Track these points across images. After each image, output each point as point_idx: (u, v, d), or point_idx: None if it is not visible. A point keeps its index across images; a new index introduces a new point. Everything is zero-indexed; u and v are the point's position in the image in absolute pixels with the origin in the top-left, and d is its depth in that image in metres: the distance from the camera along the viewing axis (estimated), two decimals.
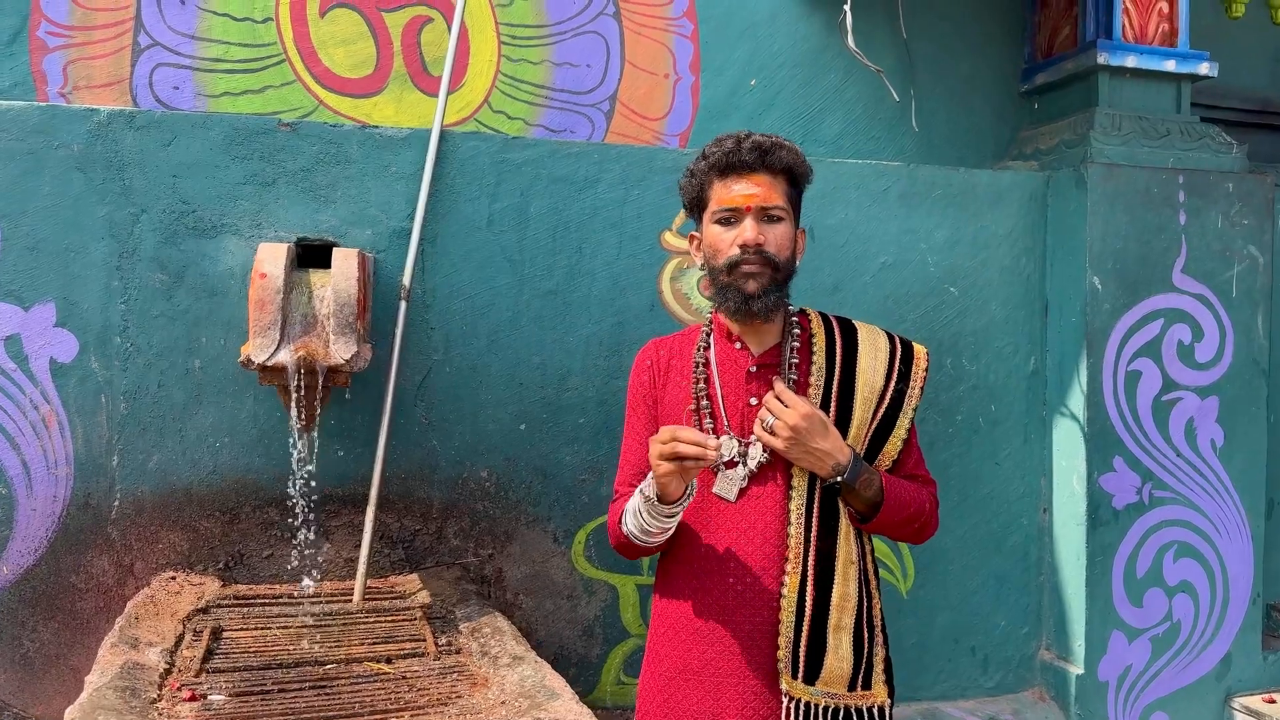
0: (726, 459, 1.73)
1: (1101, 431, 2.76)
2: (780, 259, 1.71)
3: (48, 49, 2.42)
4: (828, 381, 1.76)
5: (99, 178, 2.17)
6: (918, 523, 1.77)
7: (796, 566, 1.68)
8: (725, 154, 1.71)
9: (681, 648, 1.75)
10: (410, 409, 2.36)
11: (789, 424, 1.65)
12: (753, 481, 1.73)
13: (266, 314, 1.95)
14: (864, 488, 1.69)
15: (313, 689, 1.64)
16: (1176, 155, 2.88)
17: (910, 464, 1.81)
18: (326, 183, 2.30)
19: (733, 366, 1.78)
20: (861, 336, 1.82)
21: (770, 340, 1.78)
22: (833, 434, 1.68)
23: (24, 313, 2.14)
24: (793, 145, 1.74)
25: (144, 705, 1.50)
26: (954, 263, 2.78)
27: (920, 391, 1.80)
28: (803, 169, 1.75)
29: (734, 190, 1.70)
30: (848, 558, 1.71)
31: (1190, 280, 2.85)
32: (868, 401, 1.76)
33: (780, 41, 2.92)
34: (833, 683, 1.67)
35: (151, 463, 2.21)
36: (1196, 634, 2.89)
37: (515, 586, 2.44)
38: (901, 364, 1.80)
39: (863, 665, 1.70)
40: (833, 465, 1.67)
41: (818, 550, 1.69)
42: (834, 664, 1.67)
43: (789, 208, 1.73)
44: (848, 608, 1.70)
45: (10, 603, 2.14)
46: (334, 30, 2.60)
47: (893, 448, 1.77)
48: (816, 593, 1.67)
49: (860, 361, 1.78)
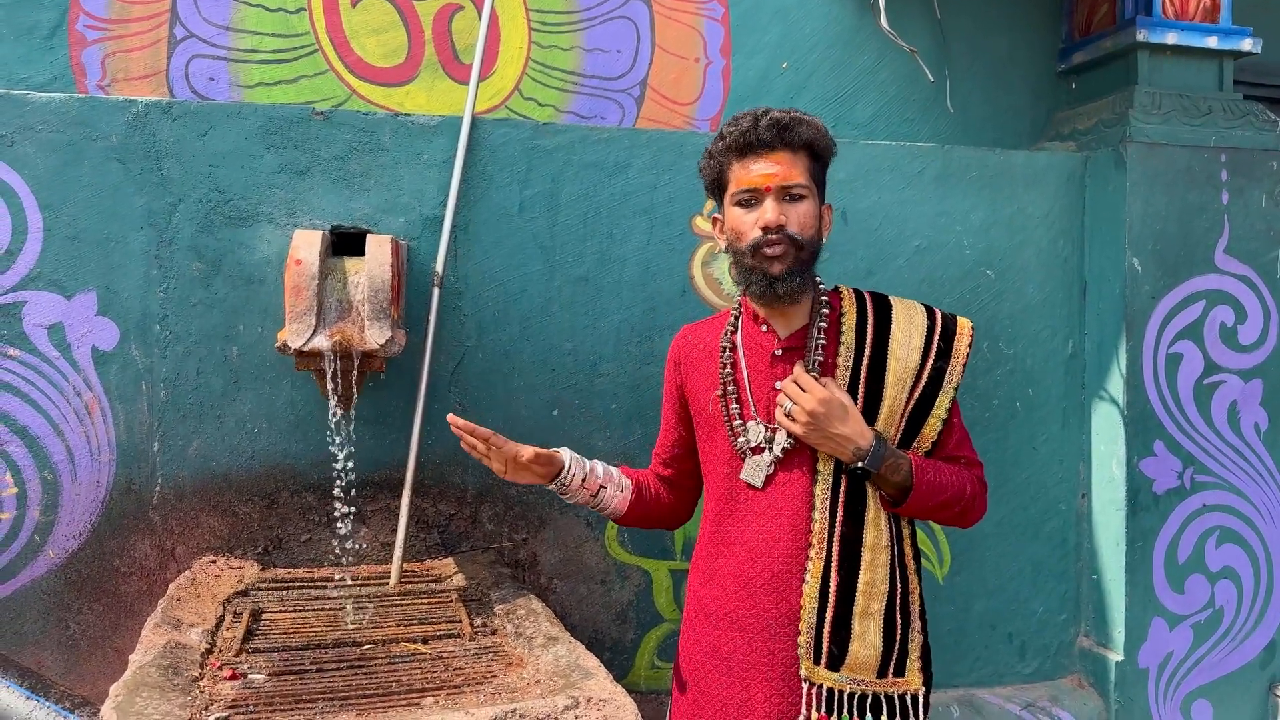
0: (754, 445, 1.72)
1: (1141, 415, 2.71)
2: (804, 238, 1.67)
3: (86, 42, 2.46)
4: (856, 362, 1.71)
5: (137, 168, 2.21)
6: (957, 506, 1.71)
7: (820, 552, 1.65)
8: (742, 133, 1.66)
9: (711, 633, 1.75)
10: (444, 395, 2.37)
11: (806, 409, 1.62)
12: (779, 467, 1.70)
13: (302, 300, 1.97)
14: (890, 472, 1.64)
15: (350, 669, 1.66)
16: (1219, 134, 2.82)
17: (952, 445, 1.75)
18: (360, 171, 2.32)
19: (759, 350, 1.75)
20: (896, 313, 1.76)
21: (798, 322, 1.74)
22: (853, 418, 1.64)
23: (66, 301, 2.18)
24: (813, 119, 1.69)
25: (186, 683, 1.52)
26: (990, 245, 2.74)
27: (963, 369, 1.73)
28: (824, 143, 1.69)
29: (753, 170, 1.66)
30: (877, 543, 1.67)
31: (1233, 261, 2.79)
32: (901, 382, 1.70)
33: (812, 23, 2.89)
34: (859, 669, 1.64)
35: (191, 448, 2.25)
36: (1240, 621, 2.84)
37: (549, 571, 2.46)
38: (941, 340, 1.73)
39: (894, 652, 1.66)
40: (853, 450, 1.63)
41: (843, 536, 1.66)
42: (860, 651, 1.64)
43: (811, 184, 1.68)
44: (876, 594, 1.65)
45: (57, 585, 2.19)
46: (366, 19, 2.62)
47: (931, 429, 1.71)
48: (841, 579, 1.64)
49: (893, 340, 1.72)
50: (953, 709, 2.70)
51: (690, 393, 1.85)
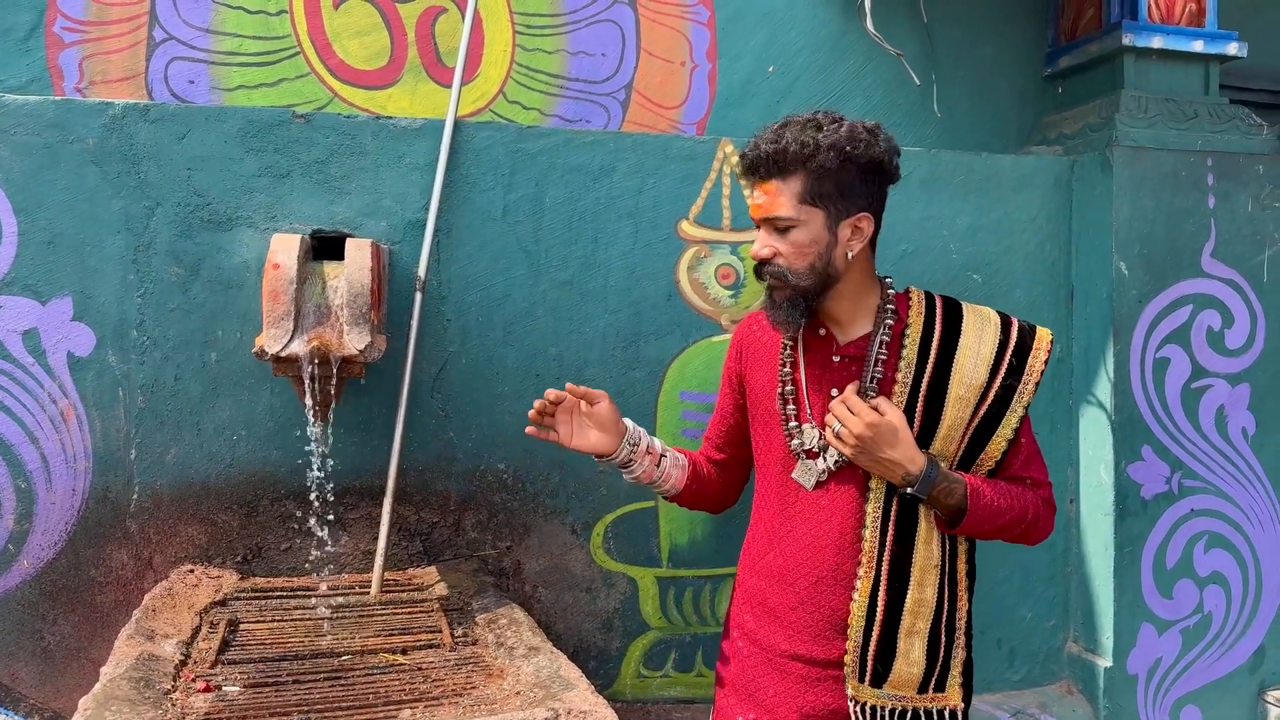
0: (807, 448, 1.69)
1: (1129, 420, 2.71)
2: (792, 270, 1.60)
3: (64, 44, 2.43)
4: (916, 379, 1.63)
5: (114, 171, 2.18)
6: (1017, 529, 1.64)
7: (869, 571, 1.62)
8: (741, 159, 1.65)
9: (755, 622, 1.76)
10: (427, 401, 2.35)
11: (854, 432, 1.57)
12: (833, 477, 1.67)
13: (280, 305, 1.94)
14: (943, 496, 1.59)
15: (327, 680, 1.63)
16: (1205, 137, 2.82)
17: (1017, 465, 1.67)
18: (341, 174, 2.29)
19: (818, 353, 1.71)
20: (966, 324, 1.66)
21: (858, 329, 1.68)
22: (903, 442, 1.57)
23: (41, 307, 2.15)
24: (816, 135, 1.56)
25: (158, 696, 1.49)
26: (977, 249, 2.73)
27: (1035, 386, 1.64)
28: (827, 156, 1.55)
29: (749, 198, 1.66)
30: (927, 563, 1.63)
31: (1220, 265, 2.79)
32: (964, 401, 1.62)
33: (798, 27, 2.88)
34: (901, 685, 1.62)
35: (169, 456, 2.21)
36: (1229, 626, 2.83)
37: (533, 579, 2.43)
38: (1014, 356, 1.64)
39: (937, 668, 1.64)
40: (903, 476, 1.58)
41: (893, 555, 1.62)
42: (903, 668, 1.62)
43: (806, 210, 1.58)
44: (923, 613, 1.63)
45: (31, 596, 2.15)
46: (348, 22, 2.59)
47: (995, 448, 1.64)
48: (889, 598, 1.62)
49: (960, 355, 1.64)
50: None
51: (749, 383, 1.83)
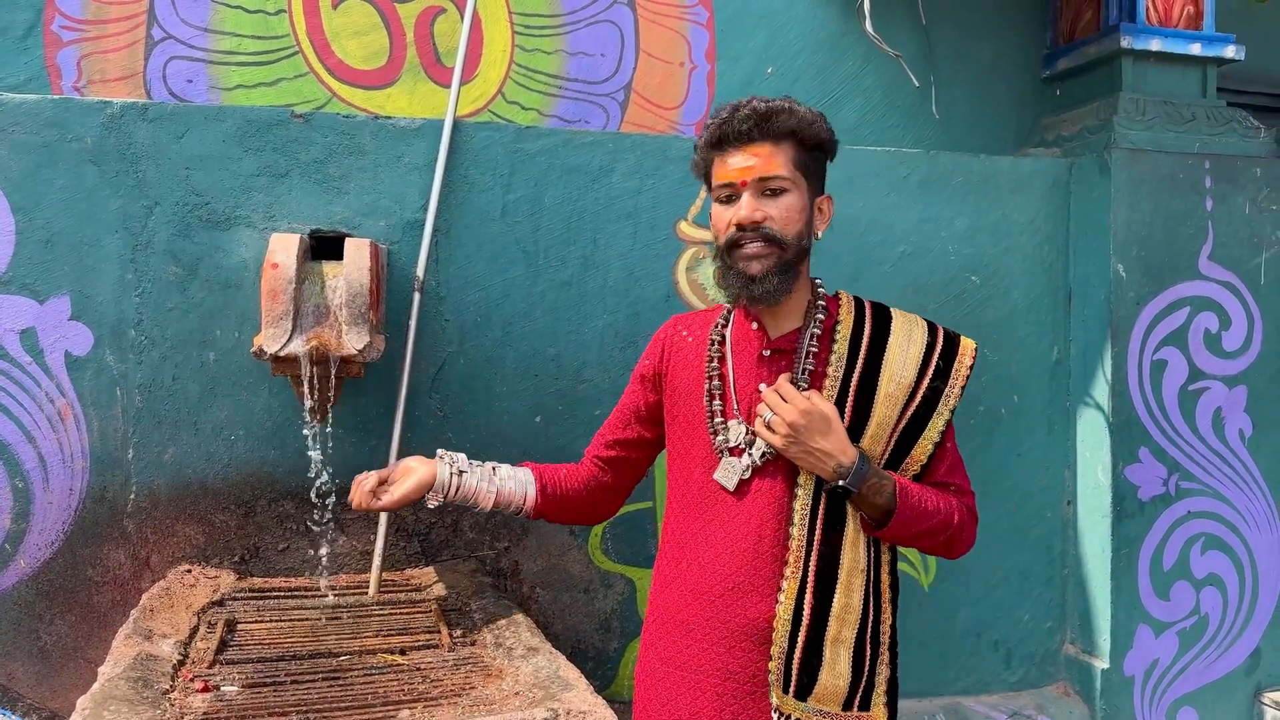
0: (732, 445, 1.64)
1: (1126, 422, 2.71)
2: (786, 235, 1.57)
3: (62, 43, 2.42)
4: (847, 373, 1.61)
5: (112, 170, 2.17)
6: (943, 535, 1.61)
7: (796, 571, 1.57)
8: (720, 125, 1.58)
9: (666, 640, 1.68)
10: (425, 401, 2.34)
11: (786, 420, 1.53)
12: (756, 475, 1.62)
13: (278, 304, 1.94)
14: (872, 493, 1.55)
15: (326, 680, 1.62)
16: (1202, 140, 2.83)
17: (942, 471, 1.65)
18: (340, 174, 2.29)
19: (747, 348, 1.67)
20: (895, 326, 1.66)
21: (790, 323, 1.66)
22: (836, 433, 1.54)
23: (39, 306, 2.14)
24: (801, 108, 1.59)
25: (156, 696, 1.49)
26: (975, 251, 2.73)
27: (960, 391, 1.63)
28: (812, 131, 1.58)
29: (729, 165, 1.58)
30: (854, 566, 1.58)
31: (1217, 267, 2.79)
32: (893, 399, 1.61)
33: (797, 28, 2.89)
34: (826, 700, 1.56)
35: (167, 456, 2.21)
36: (1225, 628, 2.84)
37: (531, 580, 2.43)
38: (941, 359, 1.63)
39: (862, 683, 1.59)
40: (834, 467, 1.53)
41: (820, 555, 1.57)
42: (829, 680, 1.56)
43: (797, 176, 1.58)
44: (849, 620, 1.57)
45: (28, 595, 2.14)
46: (347, 22, 2.59)
47: (921, 451, 1.62)
48: (816, 601, 1.56)
49: (889, 353, 1.63)
50: (938, 717, 2.68)
51: (671, 384, 1.76)
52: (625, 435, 1.85)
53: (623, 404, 1.87)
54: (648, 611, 1.78)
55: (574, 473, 1.88)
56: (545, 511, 1.84)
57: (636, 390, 1.84)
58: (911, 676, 2.71)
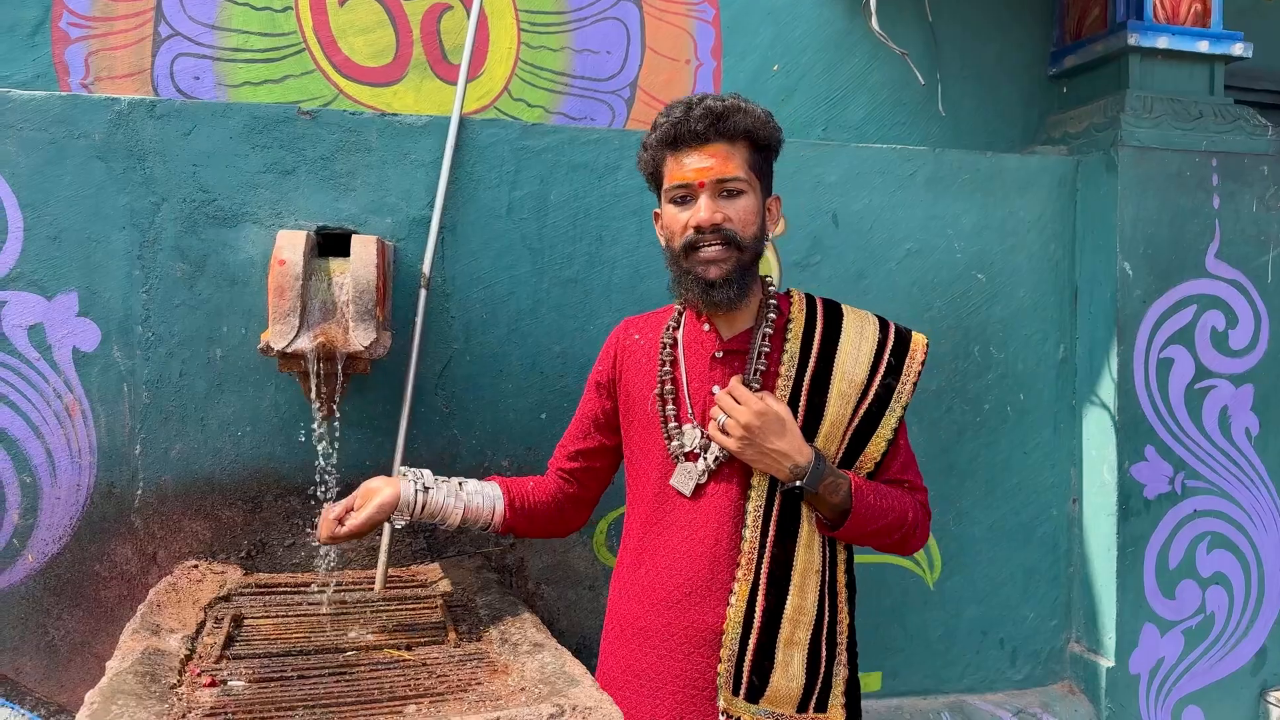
0: (688, 450, 1.62)
1: (1133, 420, 2.71)
2: (744, 237, 1.55)
3: (70, 40, 2.43)
4: (799, 373, 1.60)
5: (120, 167, 2.18)
6: (898, 533, 1.60)
7: (748, 573, 1.56)
8: (674, 124, 1.55)
9: (625, 648, 1.67)
10: (431, 398, 2.35)
11: (740, 422, 1.51)
12: (712, 478, 1.61)
13: (285, 301, 1.95)
14: (828, 493, 1.53)
15: (332, 675, 1.63)
16: (1210, 138, 2.82)
17: (896, 468, 1.65)
18: (346, 171, 2.29)
19: (699, 350, 1.65)
20: (847, 323, 1.64)
21: (742, 324, 1.64)
22: (790, 434, 1.53)
23: (47, 302, 2.15)
24: (754, 107, 1.57)
25: (163, 690, 1.49)
26: (981, 249, 2.73)
27: (913, 388, 1.62)
28: (765, 131, 1.57)
29: (686, 165, 1.54)
30: (808, 568, 1.57)
31: (1224, 265, 2.79)
32: (845, 397, 1.59)
33: (803, 25, 2.88)
34: (779, 702, 1.55)
35: (174, 452, 2.22)
36: (1230, 627, 2.83)
37: (537, 576, 2.43)
38: (892, 355, 1.62)
39: (818, 685, 1.58)
40: (790, 467, 1.52)
41: (773, 557, 1.56)
42: (781, 683, 1.55)
43: (752, 177, 1.57)
44: (803, 622, 1.56)
45: (36, 590, 2.15)
46: (353, 19, 2.59)
47: (875, 449, 1.61)
48: (768, 603, 1.55)
49: (841, 351, 1.61)
50: (944, 715, 2.68)
51: (625, 389, 1.75)
52: (586, 445, 1.83)
53: (580, 413, 1.86)
54: (606, 619, 1.77)
55: (541, 485, 1.86)
56: (514, 526, 1.83)
57: (592, 398, 1.83)
58: (916, 674, 2.72)
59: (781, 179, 2.53)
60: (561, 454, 1.88)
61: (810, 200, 2.59)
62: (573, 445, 1.86)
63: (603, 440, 1.83)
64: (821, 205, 2.60)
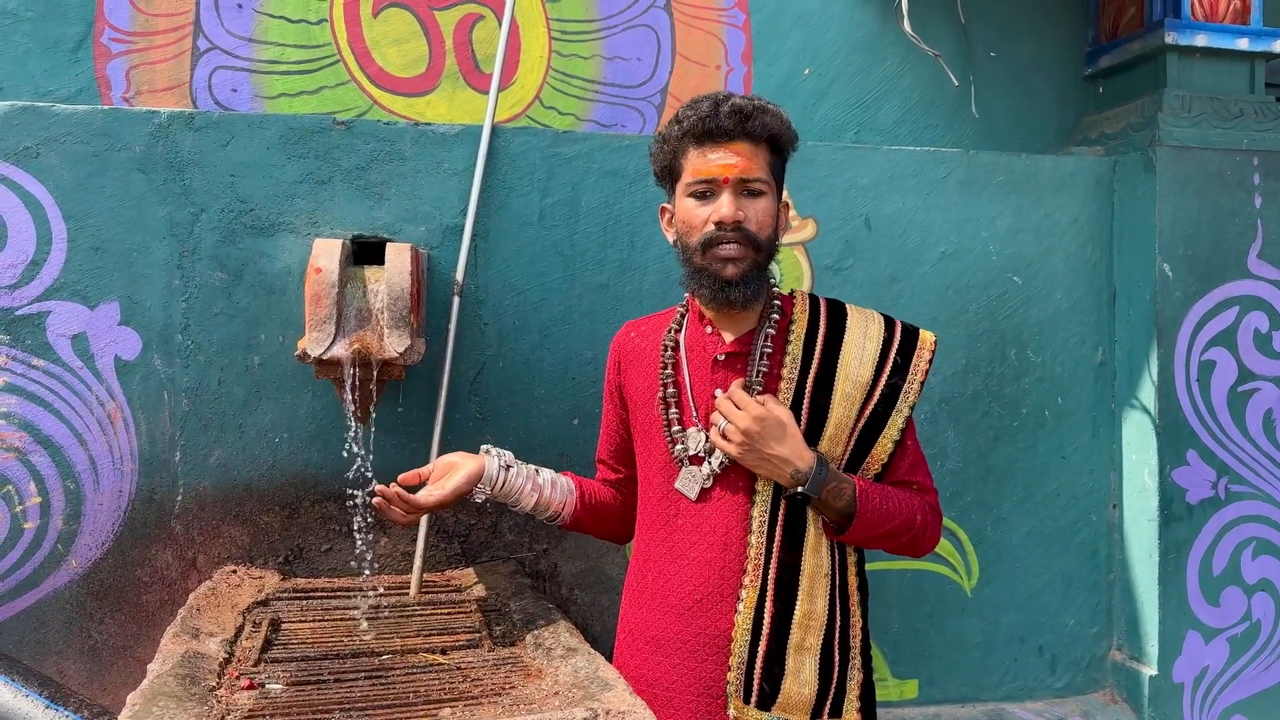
0: (692, 454, 1.61)
1: (1174, 424, 2.66)
2: (762, 237, 1.55)
3: (111, 55, 2.48)
4: (802, 375, 1.58)
5: (160, 178, 2.22)
6: (906, 536, 1.58)
7: (755, 579, 1.54)
8: (702, 118, 1.54)
9: (637, 656, 1.66)
10: (464, 404, 2.36)
11: (740, 428, 1.50)
12: (718, 482, 1.59)
13: (322, 308, 1.97)
14: (832, 498, 1.52)
15: (368, 679, 1.64)
16: (1250, 136, 2.77)
17: (904, 469, 1.62)
18: (380, 180, 2.32)
19: (702, 353, 1.65)
20: (851, 322, 1.62)
21: (745, 326, 1.63)
22: (791, 438, 1.51)
23: (90, 311, 2.19)
24: (778, 110, 1.58)
25: (203, 692, 1.51)
26: (1017, 251, 2.70)
27: (920, 386, 1.60)
28: (787, 136, 1.58)
29: (711, 160, 1.54)
30: (816, 572, 1.55)
31: (1267, 266, 2.73)
32: (850, 398, 1.58)
33: (834, 29, 2.88)
34: (792, 710, 1.53)
35: (213, 458, 2.25)
36: (1278, 634, 2.77)
37: (570, 582, 2.43)
38: (899, 354, 1.60)
39: (831, 691, 1.55)
40: (791, 473, 1.51)
41: (780, 562, 1.54)
42: (793, 689, 1.53)
43: (771, 180, 1.57)
44: (813, 627, 1.54)
45: (79, 595, 2.19)
46: (387, 30, 2.63)
47: (882, 450, 1.59)
48: (776, 609, 1.53)
49: (845, 352, 1.60)
50: None
51: (630, 394, 1.75)
52: (620, 455, 1.85)
53: (605, 424, 1.87)
54: (618, 629, 1.76)
55: (604, 488, 1.88)
56: (582, 520, 1.84)
57: (609, 409, 1.84)
58: (954, 682, 2.68)
59: (813, 183, 2.54)
60: (603, 468, 1.89)
61: (843, 204, 2.58)
62: (609, 457, 1.87)
63: (632, 445, 1.84)
64: (854, 209, 2.59)
